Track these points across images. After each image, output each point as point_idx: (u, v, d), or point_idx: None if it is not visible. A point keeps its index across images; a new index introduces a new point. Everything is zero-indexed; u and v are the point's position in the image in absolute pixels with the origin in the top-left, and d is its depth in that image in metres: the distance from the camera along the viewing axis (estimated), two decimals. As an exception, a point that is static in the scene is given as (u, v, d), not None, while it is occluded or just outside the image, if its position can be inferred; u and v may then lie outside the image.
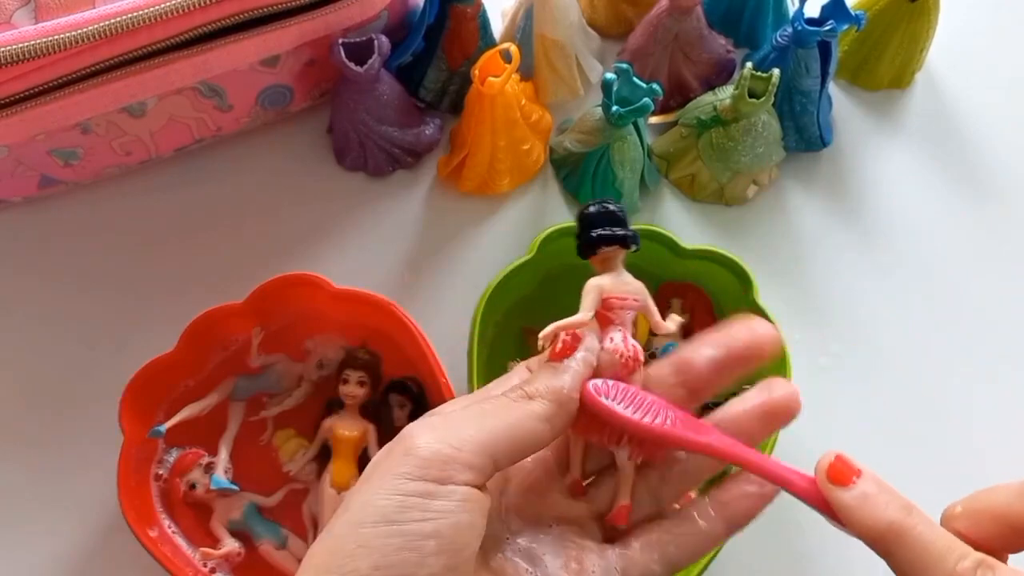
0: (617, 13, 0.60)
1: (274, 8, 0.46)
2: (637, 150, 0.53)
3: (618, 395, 0.29)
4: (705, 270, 0.49)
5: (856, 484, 0.26)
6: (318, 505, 0.46)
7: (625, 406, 0.29)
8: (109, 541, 0.48)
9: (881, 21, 0.56)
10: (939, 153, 0.59)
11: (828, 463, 0.27)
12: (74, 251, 0.54)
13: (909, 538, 0.25)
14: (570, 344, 0.30)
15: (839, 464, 0.27)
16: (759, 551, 0.48)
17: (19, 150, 0.48)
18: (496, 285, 0.47)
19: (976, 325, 0.54)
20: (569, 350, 0.29)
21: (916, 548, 0.25)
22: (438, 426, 0.28)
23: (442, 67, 0.55)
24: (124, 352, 0.50)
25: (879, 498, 0.26)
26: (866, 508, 0.26)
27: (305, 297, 0.47)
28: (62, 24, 0.43)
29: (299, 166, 0.56)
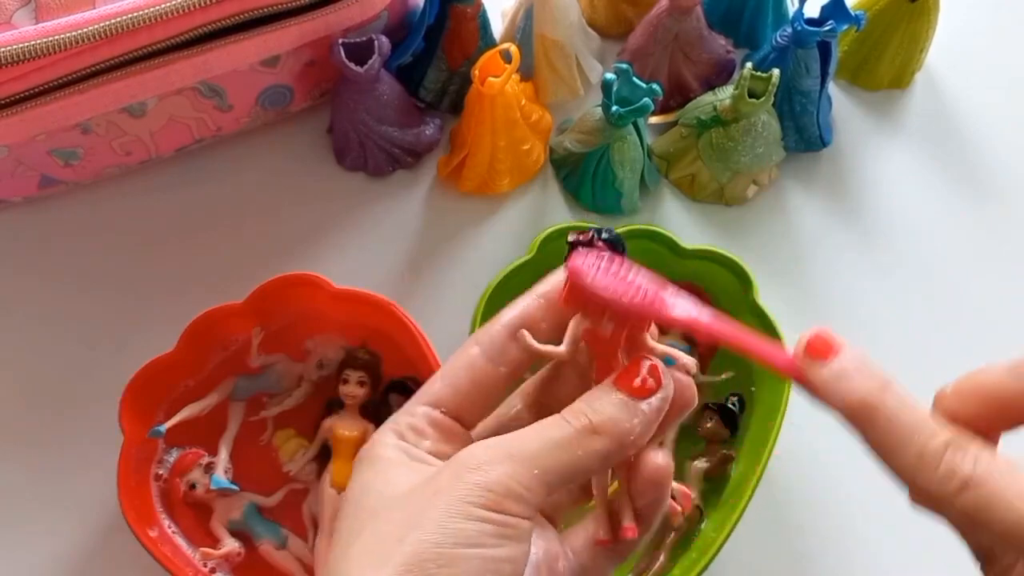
0: (617, 13, 0.60)
1: (274, 8, 0.46)
2: (637, 150, 0.53)
3: (600, 273, 0.28)
4: (705, 270, 0.49)
5: (834, 359, 0.26)
6: (318, 505, 0.46)
7: (608, 285, 0.28)
8: (109, 541, 0.48)
9: (881, 21, 0.56)
10: (939, 153, 0.59)
11: (808, 338, 0.26)
12: (74, 251, 0.54)
13: (880, 414, 0.25)
14: (653, 386, 0.28)
15: (818, 340, 0.26)
16: (759, 551, 0.48)
17: (19, 150, 0.48)
18: (496, 285, 0.47)
19: (976, 325, 0.54)
20: (649, 392, 0.28)
21: (887, 424, 0.25)
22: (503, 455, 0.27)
23: (442, 67, 0.55)
24: (124, 352, 0.50)
25: (855, 373, 0.25)
26: (841, 383, 0.25)
27: (305, 297, 0.47)
28: (62, 24, 0.43)
29: (299, 166, 0.56)
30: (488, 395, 0.31)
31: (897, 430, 0.25)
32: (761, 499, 0.44)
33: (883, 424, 0.25)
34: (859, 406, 0.25)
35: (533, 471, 0.26)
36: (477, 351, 0.31)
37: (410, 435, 0.30)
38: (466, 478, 0.26)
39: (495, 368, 0.30)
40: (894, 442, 0.25)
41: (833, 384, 0.26)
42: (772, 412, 0.45)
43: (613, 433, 0.27)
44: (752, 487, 0.44)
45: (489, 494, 0.25)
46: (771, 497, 0.48)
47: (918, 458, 0.24)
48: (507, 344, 0.31)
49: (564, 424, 0.27)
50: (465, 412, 0.31)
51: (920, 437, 0.24)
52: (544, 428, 0.28)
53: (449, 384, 0.31)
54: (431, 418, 0.30)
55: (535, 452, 0.27)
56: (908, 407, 0.25)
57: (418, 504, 0.26)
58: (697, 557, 0.44)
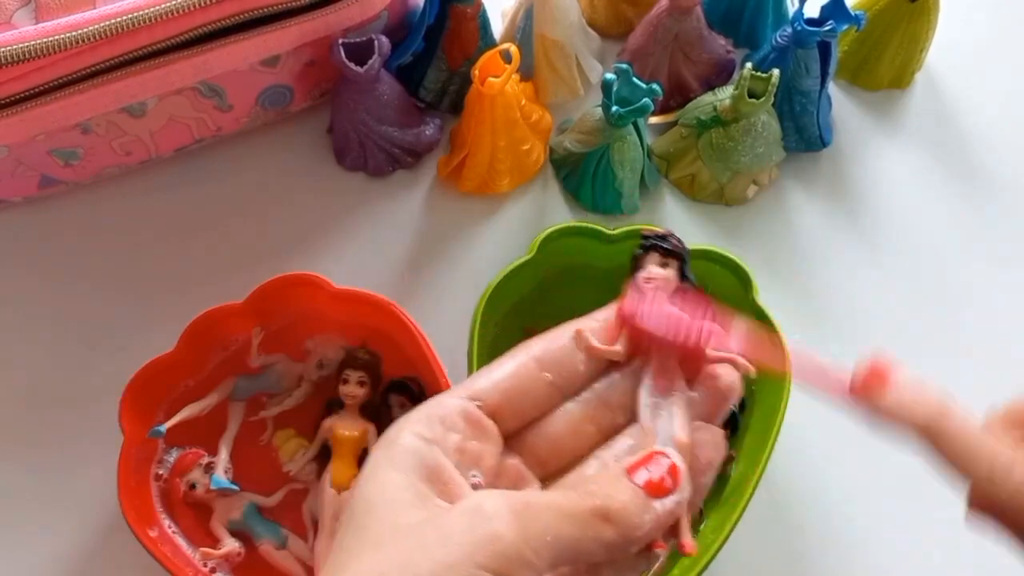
0: (617, 13, 0.60)
1: (274, 8, 0.46)
2: (637, 150, 0.53)
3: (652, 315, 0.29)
4: (705, 270, 0.49)
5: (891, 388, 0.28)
6: (318, 505, 0.46)
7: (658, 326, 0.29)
8: (109, 541, 0.48)
9: (881, 21, 0.56)
10: (939, 153, 0.59)
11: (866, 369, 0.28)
12: (74, 251, 0.54)
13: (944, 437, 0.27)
14: (670, 486, 0.27)
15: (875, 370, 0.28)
16: (759, 551, 0.48)
17: (19, 150, 0.48)
18: (496, 285, 0.47)
19: (976, 325, 0.54)
20: (665, 492, 0.27)
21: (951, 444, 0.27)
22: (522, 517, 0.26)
23: (442, 67, 0.55)
24: (124, 352, 0.50)
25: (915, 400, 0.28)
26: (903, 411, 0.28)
27: (305, 297, 0.47)
28: (62, 24, 0.43)
29: (299, 166, 0.56)
30: (530, 401, 0.30)
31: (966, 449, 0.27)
32: (761, 499, 0.44)
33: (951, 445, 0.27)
34: (923, 431, 0.27)
35: (546, 537, 0.25)
36: (527, 355, 0.30)
37: (436, 427, 0.28)
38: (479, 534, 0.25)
39: (541, 374, 0.30)
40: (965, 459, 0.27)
41: (895, 412, 0.28)
42: (772, 412, 0.45)
43: (622, 524, 0.26)
44: (752, 487, 0.44)
45: (501, 559, 0.24)
46: (771, 497, 0.48)
47: (989, 472, 0.27)
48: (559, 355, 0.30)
49: (579, 500, 0.27)
50: (504, 411, 0.30)
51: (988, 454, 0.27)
52: (559, 498, 0.27)
53: (491, 380, 0.30)
54: (465, 411, 0.29)
55: (551, 519, 0.26)
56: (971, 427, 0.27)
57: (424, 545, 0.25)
58: (696, 557, 0.44)
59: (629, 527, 0.26)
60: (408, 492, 0.27)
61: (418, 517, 0.26)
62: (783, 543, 0.49)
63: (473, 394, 0.29)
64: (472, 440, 0.29)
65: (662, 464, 0.27)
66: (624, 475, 0.27)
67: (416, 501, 0.26)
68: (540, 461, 0.30)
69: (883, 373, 0.27)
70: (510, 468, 0.30)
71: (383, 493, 0.27)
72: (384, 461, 0.28)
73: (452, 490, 0.27)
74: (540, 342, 0.31)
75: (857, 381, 0.27)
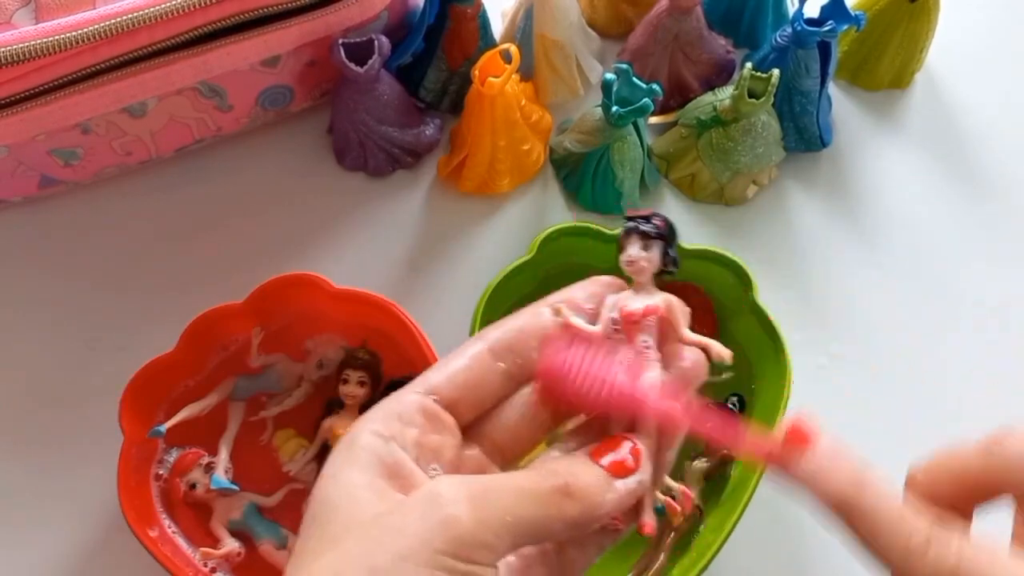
0: (617, 13, 0.60)
1: (274, 9, 0.46)
2: (637, 150, 0.53)
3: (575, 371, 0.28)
4: (705, 270, 0.49)
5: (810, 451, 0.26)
6: (318, 505, 0.46)
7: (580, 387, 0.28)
8: (109, 541, 0.48)
9: (881, 21, 0.56)
10: (939, 153, 0.59)
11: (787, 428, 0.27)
12: (74, 251, 0.54)
13: (858, 512, 0.26)
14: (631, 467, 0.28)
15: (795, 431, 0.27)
16: (759, 551, 0.48)
17: (19, 150, 0.48)
18: (496, 285, 0.47)
19: (976, 324, 0.54)
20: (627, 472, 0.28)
21: (867, 522, 0.26)
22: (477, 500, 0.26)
23: (442, 67, 0.55)
24: (124, 352, 0.50)
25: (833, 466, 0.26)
26: (820, 476, 0.26)
27: (305, 297, 0.47)
28: (62, 24, 0.43)
29: (299, 166, 0.56)
30: (486, 391, 0.30)
31: (878, 528, 0.26)
32: (761, 499, 0.44)
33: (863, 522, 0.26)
34: (838, 501, 0.26)
35: (506, 518, 0.25)
36: (482, 345, 0.30)
37: (394, 423, 0.28)
38: (435, 520, 0.25)
39: (495, 363, 0.30)
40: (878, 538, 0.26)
41: (811, 480, 0.26)
42: (772, 412, 0.45)
43: (585, 502, 0.27)
44: (752, 487, 0.44)
45: (458, 544, 0.24)
46: (771, 497, 0.48)
47: (904, 553, 0.25)
48: (513, 342, 0.30)
49: (540, 480, 0.27)
50: (460, 404, 0.30)
51: (902, 534, 0.25)
52: (520, 478, 0.27)
53: (446, 373, 0.30)
54: (422, 405, 0.29)
55: (510, 500, 0.26)
56: (885, 504, 0.26)
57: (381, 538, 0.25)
58: (696, 557, 0.44)
59: (592, 505, 0.27)
60: (367, 489, 0.27)
61: (377, 511, 0.26)
62: (783, 543, 0.49)
63: (429, 388, 0.29)
64: (430, 434, 0.29)
65: (624, 447, 0.28)
66: (588, 457, 0.28)
67: (375, 497, 0.26)
68: (499, 449, 0.30)
69: (803, 437, 0.26)
70: (470, 459, 0.30)
71: (342, 492, 0.27)
72: (343, 461, 0.28)
73: (412, 484, 0.27)
74: (494, 331, 0.31)
75: (775, 445, 0.26)
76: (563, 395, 0.29)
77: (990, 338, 0.54)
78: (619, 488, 0.27)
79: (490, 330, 0.31)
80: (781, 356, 0.46)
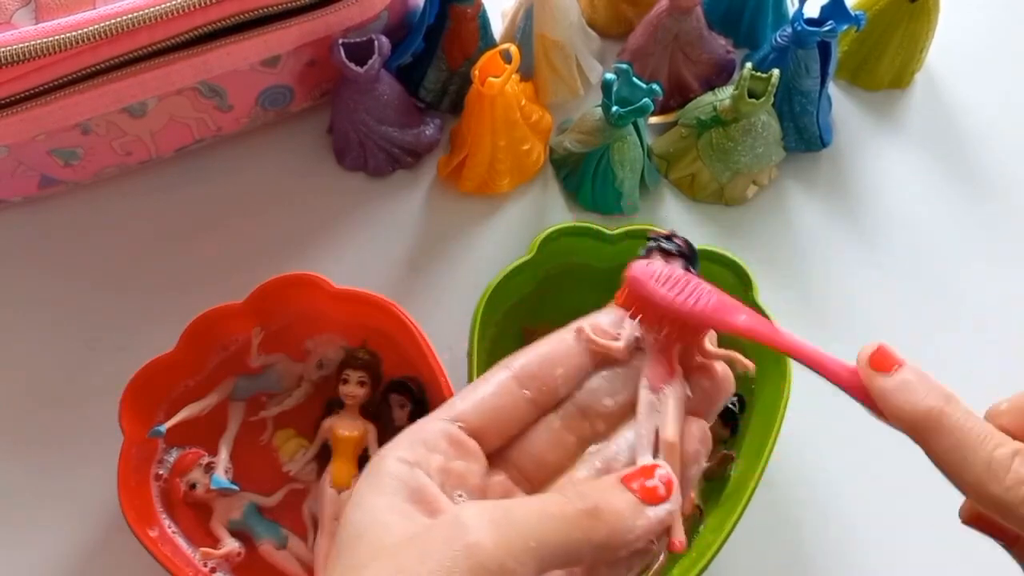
0: (617, 13, 0.60)
1: (274, 9, 0.47)
2: (637, 150, 0.53)
3: (661, 278, 0.29)
4: (705, 270, 0.49)
5: (897, 372, 0.26)
6: (318, 505, 0.46)
7: (668, 289, 0.29)
8: (109, 541, 0.48)
9: (881, 21, 0.56)
10: (939, 153, 0.59)
11: (871, 352, 0.27)
12: (74, 251, 0.54)
13: (947, 424, 0.25)
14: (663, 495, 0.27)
15: (881, 353, 0.27)
16: (759, 551, 0.48)
17: (19, 150, 0.48)
18: (496, 285, 0.47)
19: (976, 324, 0.54)
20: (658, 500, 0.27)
21: (954, 434, 0.25)
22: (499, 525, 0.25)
23: (442, 67, 0.55)
24: (124, 352, 0.50)
25: (919, 385, 0.26)
26: (906, 394, 0.26)
27: (305, 297, 0.47)
28: (62, 24, 0.43)
29: (299, 166, 0.56)
30: (511, 418, 0.30)
31: (965, 440, 0.25)
32: (761, 499, 0.44)
33: (950, 434, 0.25)
34: (925, 417, 0.26)
35: (530, 543, 0.25)
36: (507, 373, 0.30)
37: (419, 450, 0.28)
38: (458, 547, 0.25)
39: (520, 391, 0.30)
40: (961, 452, 0.25)
41: (899, 395, 0.26)
42: (772, 412, 0.45)
43: (614, 526, 0.26)
44: (752, 487, 0.44)
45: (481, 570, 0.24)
46: (771, 497, 0.48)
47: (986, 466, 0.25)
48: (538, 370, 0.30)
49: (567, 503, 0.26)
50: (486, 431, 0.30)
51: (988, 446, 0.25)
52: (546, 501, 0.27)
53: (471, 401, 0.30)
54: (447, 432, 0.29)
55: (534, 524, 0.25)
56: (973, 418, 0.26)
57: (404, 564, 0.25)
58: (696, 557, 0.44)
59: (622, 529, 0.26)
60: (393, 513, 0.27)
61: (403, 536, 0.26)
62: (783, 543, 0.49)
63: (454, 415, 0.30)
64: (456, 460, 0.29)
65: (656, 475, 0.28)
66: (619, 483, 0.28)
67: (401, 521, 0.26)
68: (526, 476, 0.30)
69: (889, 359, 0.27)
70: (496, 486, 0.30)
71: (368, 518, 0.27)
72: (368, 488, 0.28)
73: (437, 509, 0.27)
74: (518, 358, 0.31)
75: (861, 361, 0.27)
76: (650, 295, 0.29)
77: (990, 338, 0.54)
78: (650, 515, 0.27)
79: (514, 358, 0.31)
80: (781, 357, 0.46)
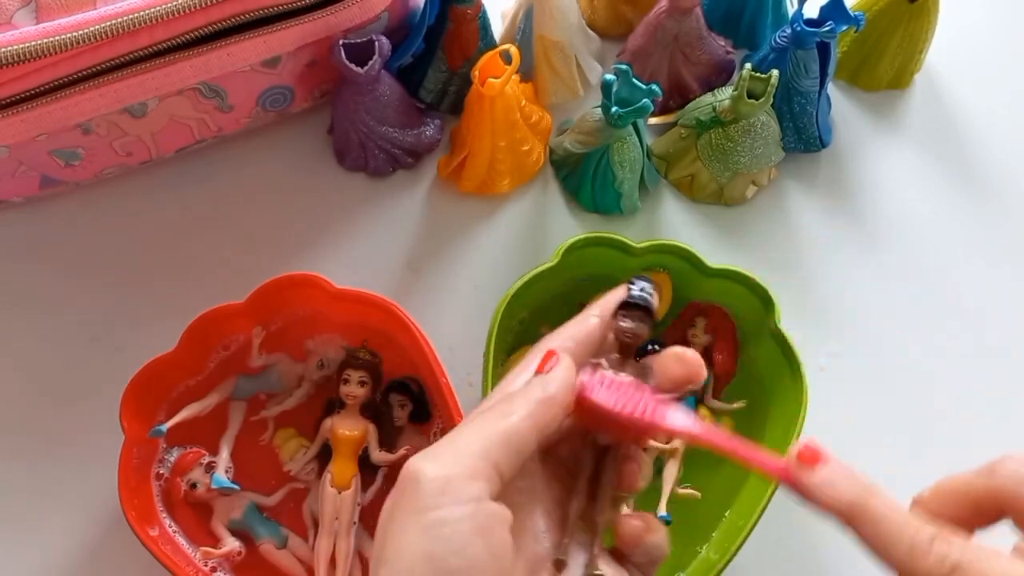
0: (617, 14, 0.60)
1: (275, 9, 0.47)
2: (636, 151, 0.53)
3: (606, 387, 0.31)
4: (728, 290, 0.49)
5: (820, 467, 0.28)
6: (318, 504, 0.46)
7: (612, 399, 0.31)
8: (110, 540, 0.48)
9: (880, 22, 0.56)
10: (938, 153, 0.59)
11: (799, 449, 0.29)
12: (74, 251, 0.54)
13: (870, 515, 0.27)
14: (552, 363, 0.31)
15: (807, 451, 0.29)
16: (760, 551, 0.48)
17: (20, 150, 0.48)
18: (516, 291, 0.47)
19: (976, 324, 0.54)
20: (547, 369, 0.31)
21: (877, 523, 0.27)
22: (436, 453, 0.29)
23: (442, 68, 0.55)
24: (124, 352, 0.51)
25: (842, 480, 0.28)
26: (830, 488, 0.28)
27: (306, 297, 0.47)
28: (63, 25, 0.43)
29: (300, 167, 0.56)
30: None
31: (887, 528, 0.27)
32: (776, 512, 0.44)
33: (873, 524, 0.27)
34: (849, 509, 0.28)
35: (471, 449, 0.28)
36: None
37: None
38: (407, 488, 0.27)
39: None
40: (886, 539, 0.27)
41: (825, 489, 0.28)
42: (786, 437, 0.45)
43: (528, 397, 0.30)
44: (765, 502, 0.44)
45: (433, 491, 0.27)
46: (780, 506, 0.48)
47: (910, 550, 0.27)
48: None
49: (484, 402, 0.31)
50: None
51: (909, 531, 0.27)
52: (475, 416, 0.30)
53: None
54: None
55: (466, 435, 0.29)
56: (894, 507, 0.28)
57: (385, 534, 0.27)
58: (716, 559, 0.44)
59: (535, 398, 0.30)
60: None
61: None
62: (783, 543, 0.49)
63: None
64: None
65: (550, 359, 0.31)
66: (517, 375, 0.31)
67: None
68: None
69: (815, 455, 0.29)
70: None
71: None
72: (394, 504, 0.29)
73: None
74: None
75: (791, 459, 0.29)
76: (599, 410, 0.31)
77: (989, 337, 0.54)
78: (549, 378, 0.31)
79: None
80: (799, 383, 0.46)
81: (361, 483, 0.47)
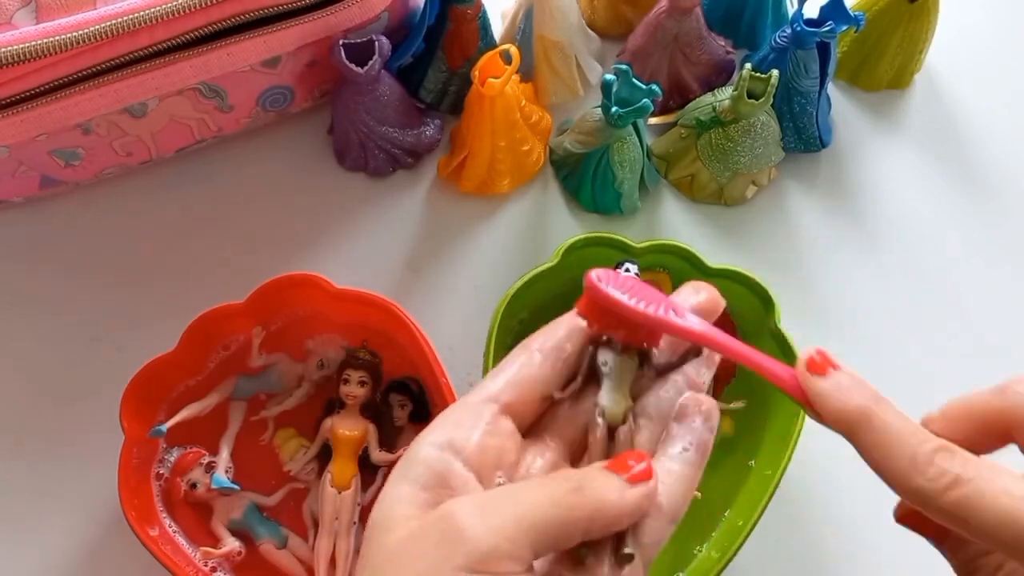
0: (617, 14, 0.60)
1: (275, 9, 0.47)
2: (636, 151, 0.53)
3: (617, 284, 0.30)
4: (728, 290, 0.48)
5: (831, 374, 0.28)
6: (318, 504, 0.46)
7: (623, 294, 0.30)
8: (110, 540, 0.48)
9: (880, 22, 0.56)
10: (938, 153, 0.59)
11: (808, 355, 0.28)
12: (74, 251, 0.54)
13: (875, 422, 0.27)
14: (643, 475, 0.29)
15: (818, 357, 0.28)
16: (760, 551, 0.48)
17: (20, 150, 0.48)
18: (516, 291, 0.47)
19: (976, 324, 0.54)
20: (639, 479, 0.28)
21: (881, 431, 0.27)
22: (488, 511, 0.26)
23: (442, 68, 0.55)
24: (124, 352, 0.51)
25: (851, 387, 0.28)
26: (838, 395, 0.27)
27: (306, 297, 0.47)
28: (63, 25, 0.43)
29: (300, 167, 0.56)
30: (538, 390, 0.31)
31: (891, 436, 0.26)
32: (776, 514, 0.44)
33: (877, 431, 0.26)
34: (855, 415, 0.27)
35: (521, 524, 0.26)
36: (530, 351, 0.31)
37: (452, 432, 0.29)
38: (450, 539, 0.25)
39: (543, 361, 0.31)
40: (888, 447, 0.26)
41: (832, 395, 0.27)
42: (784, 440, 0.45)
43: (598, 501, 0.27)
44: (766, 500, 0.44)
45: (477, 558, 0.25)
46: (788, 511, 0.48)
47: (911, 460, 0.26)
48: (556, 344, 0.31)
49: (552, 482, 0.28)
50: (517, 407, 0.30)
51: (913, 442, 0.26)
52: (532, 483, 0.28)
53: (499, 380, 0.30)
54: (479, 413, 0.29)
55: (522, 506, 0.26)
56: (902, 418, 0.27)
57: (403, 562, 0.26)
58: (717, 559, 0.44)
59: (605, 504, 0.27)
60: (409, 505, 0.27)
61: (405, 533, 0.26)
62: (783, 543, 0.49)
63: (486, 396, 0.30)
64: (491, 438, 0.29)
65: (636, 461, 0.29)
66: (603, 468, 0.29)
67: (413, 512, 0.27)
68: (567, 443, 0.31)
69: (827, 360, 0.28)
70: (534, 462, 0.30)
71: (385, 512, 0.28)
72: (395, 475, 0.28)
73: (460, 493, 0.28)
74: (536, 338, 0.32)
75: (798, 367, 0.28)
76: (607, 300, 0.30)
77: (989, 337, 0.54)
78: (632, 493, 0.28)
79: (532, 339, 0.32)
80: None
81: (361, 483, 0.47)
